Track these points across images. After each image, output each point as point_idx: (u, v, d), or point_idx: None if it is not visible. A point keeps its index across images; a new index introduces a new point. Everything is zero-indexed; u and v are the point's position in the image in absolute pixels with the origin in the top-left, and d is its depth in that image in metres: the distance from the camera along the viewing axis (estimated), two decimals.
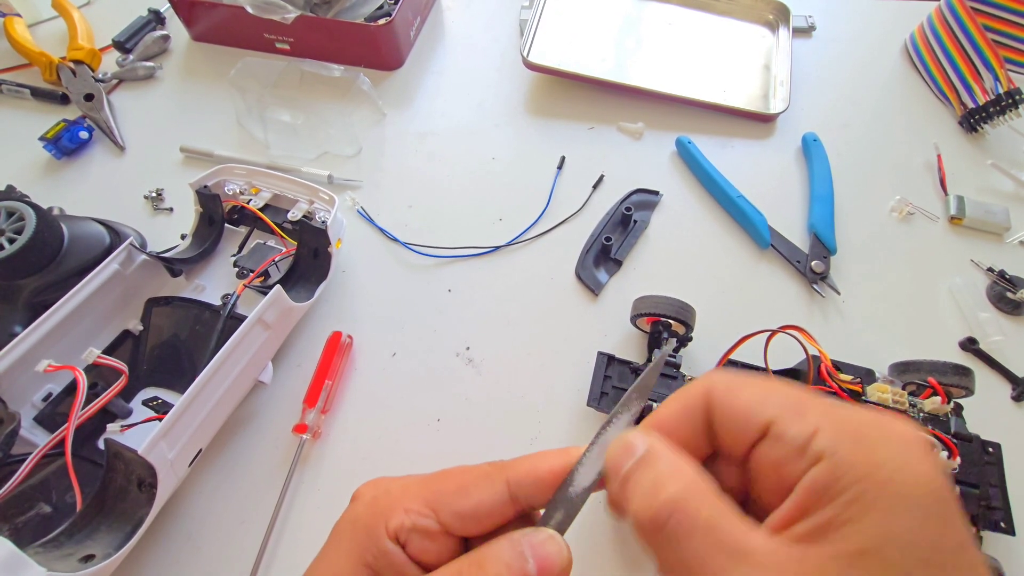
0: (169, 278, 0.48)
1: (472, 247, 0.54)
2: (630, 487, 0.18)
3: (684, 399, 0.19)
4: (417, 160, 0.60)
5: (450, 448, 0.43)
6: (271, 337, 0.43)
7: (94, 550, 0.33)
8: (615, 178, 0.58)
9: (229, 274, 0.49)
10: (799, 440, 0.16)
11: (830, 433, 0.15)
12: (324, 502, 0.42)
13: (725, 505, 0.16)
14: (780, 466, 0.16)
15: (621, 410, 0.20)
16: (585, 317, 0.50)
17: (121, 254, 0.44)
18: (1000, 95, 0.57)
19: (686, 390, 0.19)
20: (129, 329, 0.45)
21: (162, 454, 0.35)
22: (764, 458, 0.17)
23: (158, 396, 0.43)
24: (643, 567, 0.39)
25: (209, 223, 0.50)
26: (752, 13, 0.69)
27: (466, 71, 0.67)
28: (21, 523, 0.36)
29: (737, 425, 0.17)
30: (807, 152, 0.59)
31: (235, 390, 0.40)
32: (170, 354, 0.45)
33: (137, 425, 0.40)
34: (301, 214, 0.46)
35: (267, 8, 0.61)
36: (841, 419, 0.16)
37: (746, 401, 0.17)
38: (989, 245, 0.54)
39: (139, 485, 0.35)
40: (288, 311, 0.43)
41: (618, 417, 0.20)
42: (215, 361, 0.37)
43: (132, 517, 0.34)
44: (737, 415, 0.17)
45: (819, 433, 0.15)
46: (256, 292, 0.46)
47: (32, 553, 0.30)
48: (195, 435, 0.37)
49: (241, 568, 0.39)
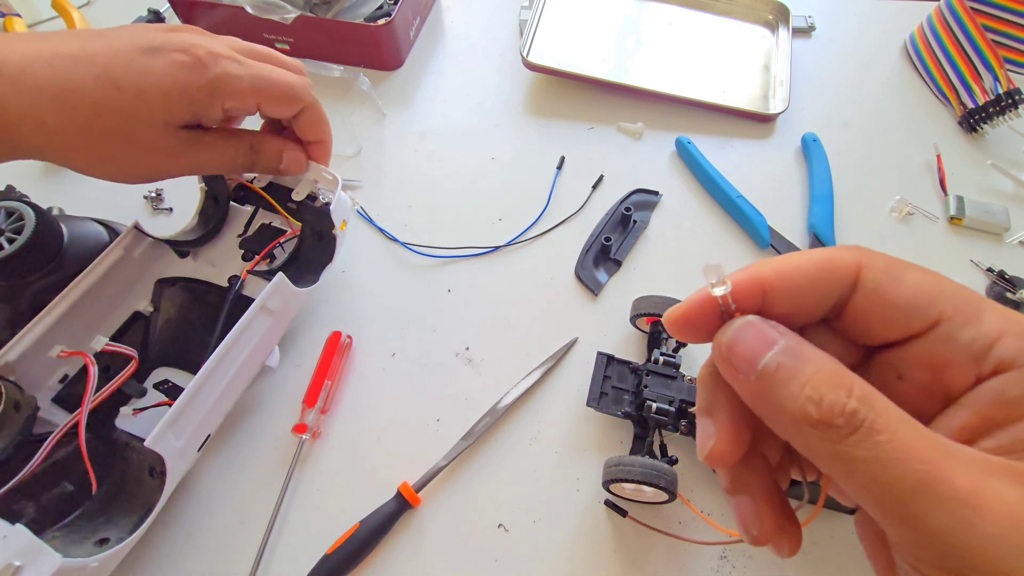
0: (177, 259, 0.48)
1: (472, 247, 0.54)
2: (782, 379, 0.15)
3: (824, 263, 0.17)
4: (417, 160, 0.60)
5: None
6: (276, 323, 0.43)
7: (109, 533, 0.34)
8: (615, 178, 0.58)
9: (237, 253, 0.49)
10: (978, 344, 0.14)
11: (1018, 340, 0.14)
12: (324, 502, 0.42)
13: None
14: (943, 368, 0.15)
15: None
16: (585, 317, 0.50)
17: (126, 238, 0.44)
18: (1000, 95, 0.57)
19: (829, 255, 0.17)
20: (140, 311, 0.46)
21: (170, 444, 0.35)
22: (921, 355, 0.16)
23: (169, 379, 0.43)
24: (643, 567, 0.39)
25: (215, 202, 0.50)
26: (752, 13, 0.69)
27: (466, 71, 0.67)
28: (46, 500, 0.36)
29: (896, 313, 0.16)
30: (807, 152, 0.59)
31: (242, 376, 0.41)
32: (181, 334, 0.46)
33: (148, 409, 0.40)
34: (305, 194, 0.45)
35: (267, 8, 0.61)
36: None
37: (912, 290, 0.16)
38: (989, 245, 0.54)
39: (151, 472, 0.36)
40: (292, 296, 0.43)
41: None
42: (219, 351, 0.38)
43: (144, 503, 0.36)
44: (899, 303, 0.16)
45: (1004, 339, 0.14)
46: (261, 276, 0.46)
47: (50, 538, 0.31)
48: (203, 422, 0.38)
49: (241, 567, 0.39)
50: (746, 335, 0.16)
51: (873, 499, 0.14)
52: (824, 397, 0.14)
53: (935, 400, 0.15)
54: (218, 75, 0.33)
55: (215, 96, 0.34)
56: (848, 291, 0.17)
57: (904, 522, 0.13)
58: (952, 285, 0.16)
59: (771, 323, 0.16)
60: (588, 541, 0.40)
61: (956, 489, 0.13)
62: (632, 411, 0.42)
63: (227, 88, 0.34)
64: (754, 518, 0.18)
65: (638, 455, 0.38)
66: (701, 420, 0.18)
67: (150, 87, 0.31)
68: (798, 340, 0.16)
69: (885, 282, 0.16)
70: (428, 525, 0.41)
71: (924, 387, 0.16)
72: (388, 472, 0.42)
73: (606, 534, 0.41)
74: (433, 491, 0.42)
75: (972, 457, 0.13)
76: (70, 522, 0.34)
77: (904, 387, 0.16)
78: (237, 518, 0.41)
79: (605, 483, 0.39)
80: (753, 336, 0.16)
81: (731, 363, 0.16)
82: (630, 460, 0.37)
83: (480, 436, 0.43)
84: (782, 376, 0.15)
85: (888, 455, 0.13)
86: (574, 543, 0.40)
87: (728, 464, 0.18)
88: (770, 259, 0.17)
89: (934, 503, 0.13)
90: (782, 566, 0.39)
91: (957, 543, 0.13)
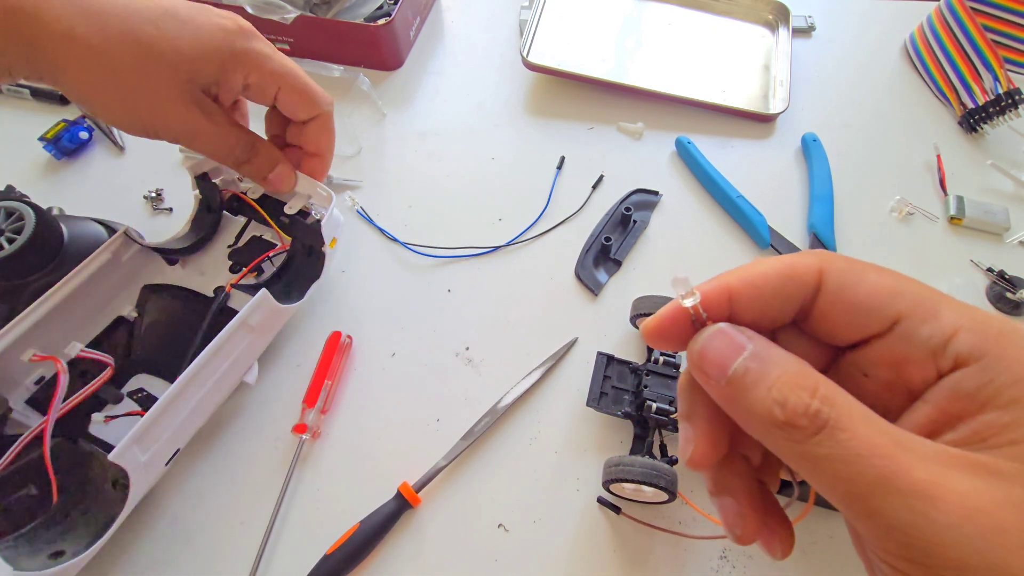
0: (166, 266, 0.48)
1: (472, 247, 0.54)
2: (750, 382, 0.16)
3: (786, 269, 0.17)
4: (417, 160, 0.60)
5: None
6: (256, 339, 0.42)
7: (66, 546, 0.33)
8: (615, 178, 0.58)
9: (227, 263, 0.49)
10: (935, 340, 0.15)
11: (973, 336, 0.14)
12: (324, 502, 0.42)
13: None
14: (904, 365, 0.15)
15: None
16: (585, 317, 0.50)
17: (115, 243, 0.44)
18: (1000, 95, 0.57)
19: (791, 261, 0.17)
20: (124, 315, 0.45)
21: (134, 457, 0.35)
22: (884, 353, 0.16)
23: (144, 388, 0.43)
24: (643, 567, 0.39)
25: (208, 210, 0.49)
26: (752, 13, 0.69)
27: (466, 71, 0.67)
28: (8, 503, 0.36)
29: (856, 314, 0.16)
30: (807, 152, 0.59)
31: (216, 392, 0.40)
32: (163, 342, 0.45)
33: (120, 418, 0.40)
34: (297, 208, 0.45)
35: (267, 8, 0.61)
36: (982, 321, 0.15)
37: (871, 291, 0.16)
38: (989, 245, 0.54)
39: (113, 484, 0.35)
40: (275, 313, 0.43)
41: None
42: (193, 367, 0.37)
43: (106, 514, 0.35)
44: (859, 304, 0.16)
45: (960, 334, 0.15)
46: (247, 290, 0.46)
47: (3, 547, 0.31)
48: (172, 437, 0.37)
49: (241, 568, 0.39)
50: (716, 342, 0.17)
51: (838, 495, 0.14)
52: (788, 399, 0.15)
53: (900, 396, 0.16)
54: (253, 47, 0.34)
55: (242, 65, 0.34)
56: (811, 295, 0.17)
57: (868, 517, 0.14)
58: (910, 284, 0.16)
59: (740, 329, 0.17)
60: (588, 541, 0.40)
61: (914, 482, 0.13)
62: (632, 411, 0.42)
63: (256, 62, 0.34)
64: (736, 518, 0.18)
65: (638, 455, 0.38)
66: (682, 426, 0.19)
67: (188, 37, 0.32)
68: (765, 344, 0.16)
69: (845, 285, 0.17)
70: (428, 525, 0.41)
71: (888, 384, 0.16)
72: (388, 472, 0.42)
73: (606, 534, 0.41)
74: (433, 491, 0.42)
75: (931, 450, 0.14)
76: (28, 531, 0.33)
77: (870, 384, 0.17)
78: (237, 518, 0.41)
79: (605, 483, 0.39)
80: (723, 343, 0.17)
81: (703, 370, 0.17)
82: (630, 460, 0.37)
83: (480, 436, 0.43)
84: (750, 380, 0.16)
85: (849, 452, 0.14)
86: (574, 543, 0.40)
87: (708, 467, 0.18)
88: (737, 268, 0.18)
89: (894, 497, 0.13)
90: (782, 566, 0.39)
91: (916, 535, 0.13)
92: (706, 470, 0.19)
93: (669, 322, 0.18)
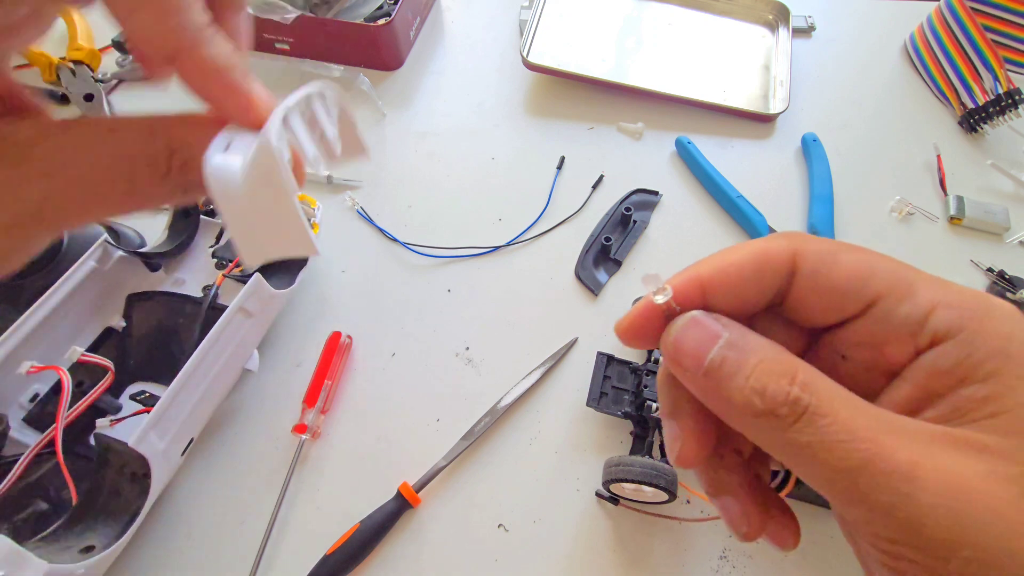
0: (149, 273, 0.48)
1: (472, 247, 0.54)
2: (728, 371, 0.15)
3: (759, 256, 0.17)
4: (417, 160, 0.60)
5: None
6: (254, 325, 0.43)
7: (93, 541, 0.33)
8: (615, 178, 0.58)
9: (208, 265, 0.49)
10: (912, 319, 0.15)
11: (950, 311, 0.14)
12: (324, 502, 0.42)
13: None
14: (883, 345, 0.15)
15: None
16: (585, 317, 0.50)
17: (96, 251, 0.44)
18: (1000, 95, 0.57)
19: (763, 247, 0.17)
20: (112, 326, 0.45)
21: (152, 444, 0.35)
22: (862, 334, 0.16)
23: (145, 390, 0.43)
24: (643, 566, 0.39)
25: (185, 215, 0.49)
26: (752, 13, 0.69)
27: (466, 71, 0.67)
28: (19, 521, 0.36)
29: (832, 297, 0.16)
30: (807, 152, 0.59)
31: (222, 378, 0.41)
32: (155, 348, 0.45)
33: (126, 419, 0.40)
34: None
35: (267, 8, 0.61)
36: (958, 296, 0.15)
37: (846, 273, 0.16)
38: (989, 245, 0.54)
39: (132, 477, 0.35)
40: (270, 298, 0.43)
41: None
42: (199, 351, 0.38)
43: (128, 509, 0.35)
44: (835, 287, 0.16)
45: (937, 310, 0.14)
46: (237, 282, 0.46)
47: (32, 547, 0.30)
48: (185, 424, 0.38)
49: (241, 568, 0.39)
50: (690, 333, 0.16)
51: (823, 482, 0.14)
52: (767, 387, 0.14)
53: (879, 376, 0.16)
54: None
55: None
56: (786, 279, 0.17)
57: (853, 502, 0.14)
58: (886, 262, 0.16)
59: (715, 316, 0.17)
60: (588, 541, 0.40)
61: (897, 463, 0.13)
62: (632, 411, 0.42)
63: None
64: (740, 516, 0.18)
65: (638, 455, 0.38)
66: (666, 424, 0.18)
67: None
68: (742, 331, 0.16)
69: (820, 267, 0.16)
70: (428, 525, 0.41)
71: (868, 365, 0.16)
72: (388, 472, 0.42)
73: (606, 534, 0.40)
74: (433, 491, 0.42)
75: (913, 429, 0.14)
76: (49, 534, 0.33)
77: (849, 366, 0.17)
78: (237, 518, 0.41)
79: (605, 483, 0.39)
80: (697, 333, 0.16)
81: (679, 362, 0.16)
82: (630, 460, 0.37)
83: (480, 436, 0.43)
84: (727, 370, 0.15)
85: (831, 437, 0.13)
86: (574, 543, 0.40)
87: (697, 464, 0.18)
88: (708, 257, 0.17)
89: (877, 479, 0.13)
90: (782, 566, 0.39)
91: (901, 516, 0.13)
92: (696, 467, 0.18)
93: (642, 320, 0.18)
